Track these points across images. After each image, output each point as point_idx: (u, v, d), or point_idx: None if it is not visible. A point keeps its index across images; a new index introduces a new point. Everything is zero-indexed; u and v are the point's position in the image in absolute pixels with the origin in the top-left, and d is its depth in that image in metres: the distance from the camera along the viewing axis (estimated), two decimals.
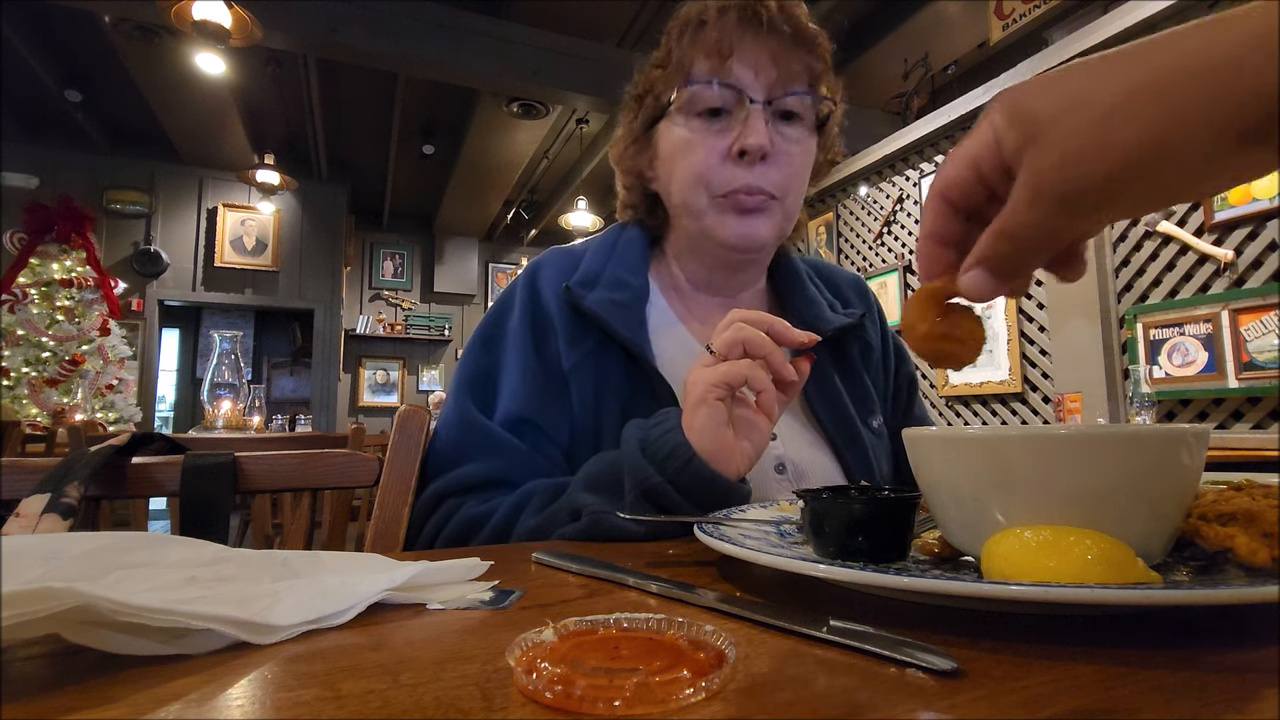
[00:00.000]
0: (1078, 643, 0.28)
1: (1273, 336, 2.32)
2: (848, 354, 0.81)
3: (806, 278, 0.85)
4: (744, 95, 0.69)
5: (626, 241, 0.81)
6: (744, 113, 0.69)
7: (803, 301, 0.81)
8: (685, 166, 0.72)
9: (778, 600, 0.36)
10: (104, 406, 5.17)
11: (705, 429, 0.55)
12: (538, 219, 7.61)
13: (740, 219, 0.71)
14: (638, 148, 0.79)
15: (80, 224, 5.32)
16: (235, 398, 2.26)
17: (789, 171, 0.71)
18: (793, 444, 0.73)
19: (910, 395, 0.90)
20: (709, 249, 0.77)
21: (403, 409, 0.74)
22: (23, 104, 5.40)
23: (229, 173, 6.36)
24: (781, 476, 0.71)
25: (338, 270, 6.96)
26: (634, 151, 0.80)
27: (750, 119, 0.68)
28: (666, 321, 0.79)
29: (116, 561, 0.34)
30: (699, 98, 0.70)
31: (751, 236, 0.72)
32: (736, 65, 0.69)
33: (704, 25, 0.70)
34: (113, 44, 4.57)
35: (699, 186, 0.71)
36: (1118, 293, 2.81)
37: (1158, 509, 0.33)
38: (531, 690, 0.22)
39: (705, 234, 0.74)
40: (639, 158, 0.80)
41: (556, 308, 0.74)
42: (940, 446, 0.37)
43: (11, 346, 4.91)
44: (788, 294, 0.83)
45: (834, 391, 0.77)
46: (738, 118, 0.69)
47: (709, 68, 0.69)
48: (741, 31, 0.68)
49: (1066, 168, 0.31)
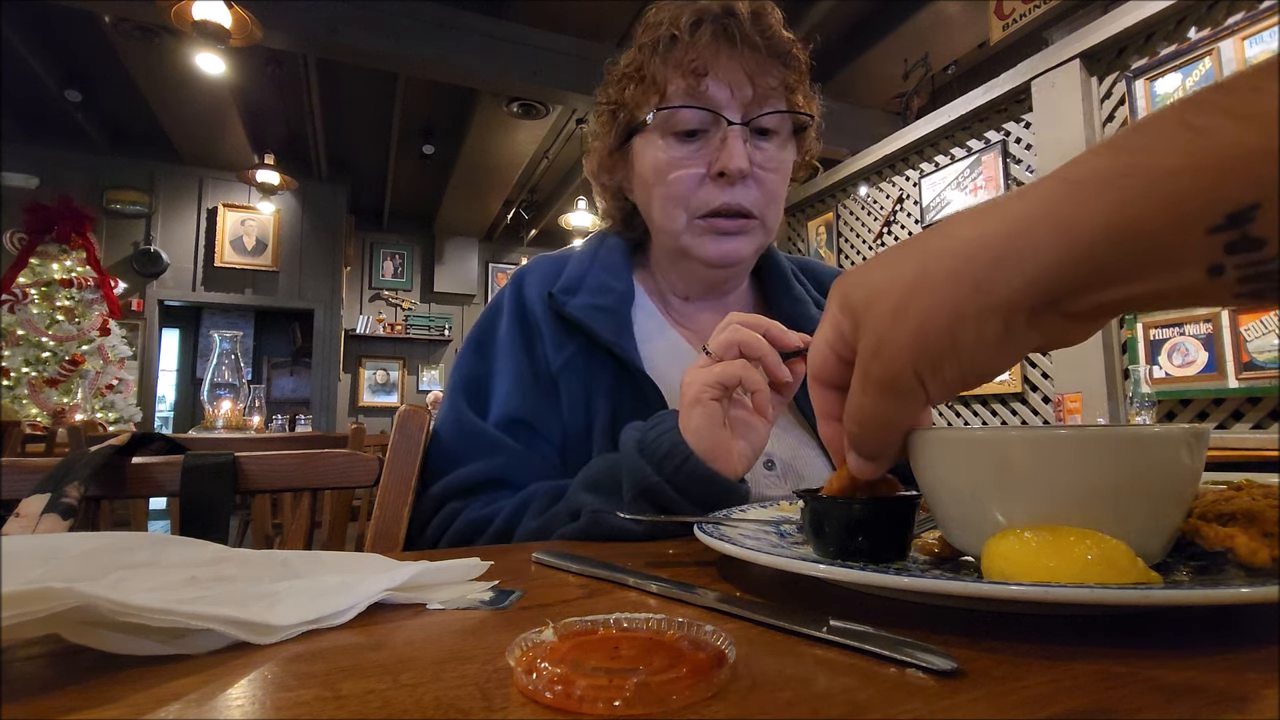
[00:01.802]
0: (1078, 643, 0.28)
1: (1273, 336, 2.32)
2: None
3: (792, 276, 0.85)
4: (721, 117, 0.68)
5: (608, 249, 0.81)
6: (721, 133, 0.68)
7: (788, 300, 0.81)
8: (663, 188, 0.71)
9: (778, 600, 0.36)
10: (104, 406, 5.17)
11: (701, 429, 0.55)
12: (538, 219, 7.61)
13: (719, 240, 0.71)
14: (614, 161, 0.79)
15: (80, 224, 5.32)
16: (235, 398, 2.26)
17: (768, 188, 0.71)
18: (781, 440, 0.74)
19: None
20: (689, 266, 0.77)
21: (403, 409, 0.74)
22: (23, 104, 5.40)
23: (229, 173, 6.36)
24: (770, 473, 0.71)
25: (338, 270, 6.96)
26: (610, 165, 0.79)
27: (729, 140, 0.68)
28: (656, 326, 0.80)
29: (116, 561, 0.34)
30: (677, 120, 0.69)
31: (732, 255, 0.72)
32: (712, 84, 0.68)
33: (676, 41, 0.69)
34: (113, 44, 4.57)
35: (678, 208, 0.71)
36: None
37: (1158, 509, 0.33)
38: (531, 690, 0.22)
39: (684, 252, 0.74)
40: (616, 172, 0.79)
41: (541, 312, 0.74)
42: (940, 446, 0.37)
43: (11, 346, 4.91)
44: (773, 293, 0.84)
45: None
46: (715, 138, 0.69)
47: (684, 88, 0.68)
48: (715, 48, 0.67)
49: (879, 355, 0.32)
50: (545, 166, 6.42)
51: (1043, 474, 0.33)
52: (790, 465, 0.73)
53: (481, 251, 8.23)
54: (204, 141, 6.09)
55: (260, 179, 5.43)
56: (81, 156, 6.05)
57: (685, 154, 0.70)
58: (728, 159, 0.67)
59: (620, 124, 0.75)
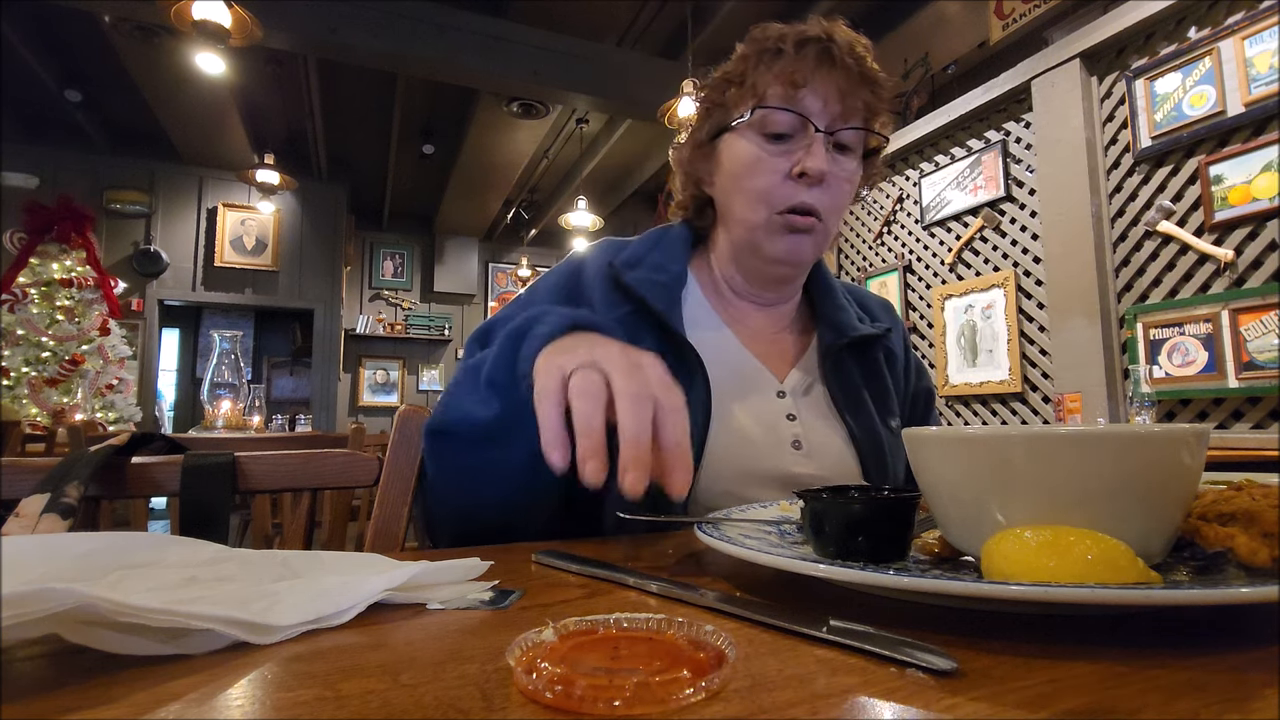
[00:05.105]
0: (1078, 643, 0.28)
1: (1273, 336, 2.32)
2: (873, 359, 0.88)
3: (840, 292, 0.92)
4: (810, 123, 0.75)
5: (671, 238, 0.87)
6: (807, 139, 0.75)
7: (833, 309, 0.88)
8: (749, 181, 0.77)
9: (778, 600, 0.36)
10: (104, 406, 5.17)
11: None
12: (538, 219, 7.61)
13: (788, 237, 0.77)
14: (701, 154, 0.85)
15: (80, 224, 5.32)
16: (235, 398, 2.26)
17: (838, 196, 0.78)
18: (812, 427, 0.79)
19: (928, 407, 0.97)
20: (753, 261, 0.82)
21: (403, 409, 0.74)
22: (23, 104, 5.40)
23: (229, 173, 6.35)
24: (798, 452, 0.76)
25: (338, 270, 6.95)
26: (697, 158, 0.86)
27: (813, 145, 0.74)
28: (705, 315, 0.84)
29: (116, 561, 0.34)
30: (770, 120, 0.76)
31: (796, 254, 0.79)
32: (808, 95, 0.75)
33: (781, 54, 0.76)
34: (113, 44, 4.57)
35: (760, 201, 0.77)
36: (1118, 293, 2.80)
37: (1158, 509, 0.33)
38: (531, 690, 0.22)
39: (755, 246, 0.80)
40: (701, 164, 0.86)
41: (598, 280, 0.80)
42: (940, 446, 0.37)
43: (11, 346, 4.91)
44: (821, 303, 0.90)
45: (856, 389, 0.83)
46: (800, 142, 0.76)
47: (782, 95, 0.75)
48: (815, 65, 0.75)
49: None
50: (545, 166, 6.42)
51: (1043, 474, 0.33)
52: (816, 449, 0.77)
53: (481, 251, 8.22)
54: (204, 141, 6.09)
55: (260, 179, 5.42)
56: (81, 156, 6.05)
57: (772, 152, 0.76)
58: (810, 160, 0.74)
59: (713, 121, 0.82)
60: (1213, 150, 2.51)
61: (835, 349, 0.83)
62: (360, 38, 3.96)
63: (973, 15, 4.03)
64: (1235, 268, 2.44)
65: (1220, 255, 2.47)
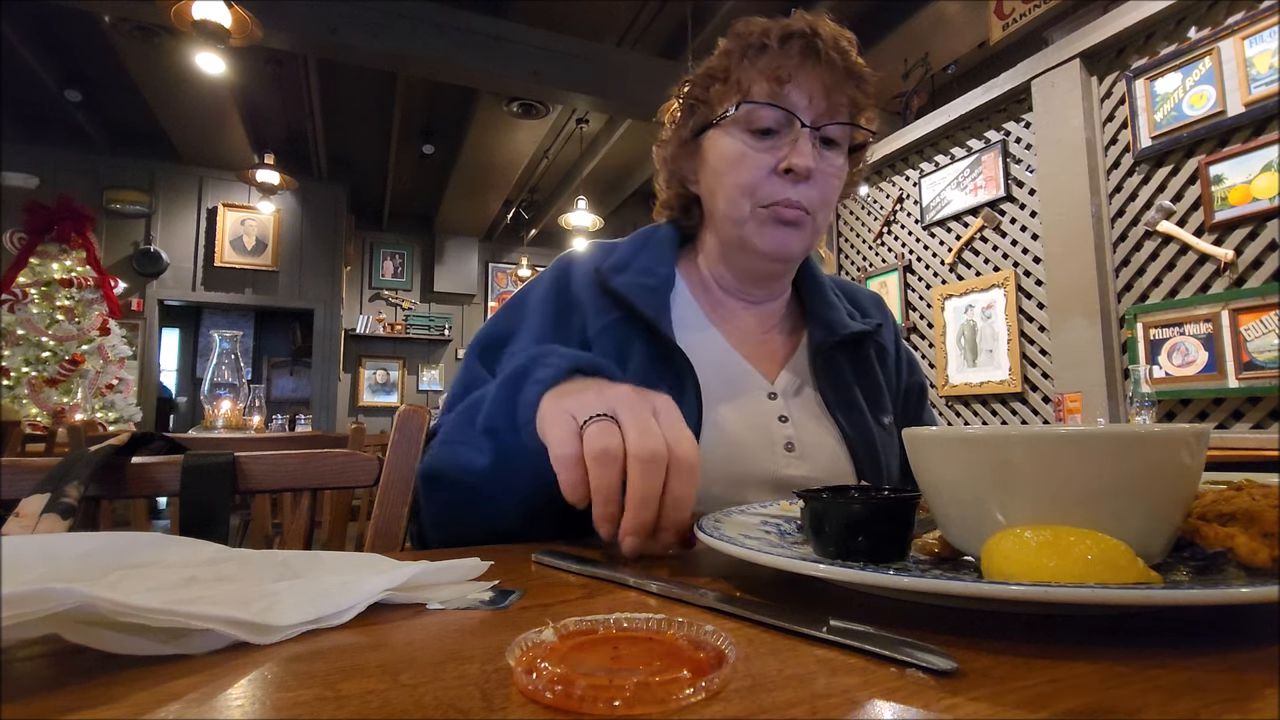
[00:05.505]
0: (1078, 643, 0.28)
1: (1273, 336, 2.32)
2: (864, 355, 0.87)
3: (829, 289, 0.91)
4: (796, 119, 0.74)
5: (658, 239, 0.86)
6: (793, 134, 0.75)
7: (823, 306, 0.87)
8: (734, 176, 0.77)
9: (778, 600, 0.36)
10: (104, 406, 5.16)
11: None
12: (538, 219, 7.61)
13: (777, 230, 0.76)
14: (685, 152, 0.84)
15: (80, 224, 5.32)
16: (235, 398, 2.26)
17: (825, 191, 0.77)
18: (805, 428, 0.78)
19: (920, 401, 0.96)
20: (741, 257, 0.81)
21: (402, 409, 0.74)
22: (23, 104, 5.40)
23: (229, 173, 6.35)
24: (791, 455, 0.76)
25: (338, 270, 6.95)
26: (682, 155, 0.85)
27: (799, 141, 0.74)
28: (694, 316, 0.83)
29: (116, 561, 0.34)
30: (756, 116, 0.75)
31: (785, 247, 0.77)
32: (793, 91, 0.74)
33: (765, 49, 0.75)
34: (113, 44, 4.57)
35: (745, 196, 0.76)
36: (1118, 293, 2.80)
37: (1158, 509, 0.33)
38: (531, 690, 0.22)
39: (743, 241, 0.79)
40: (686, 162, 0.85)
41: (586, 286, 0.79)
42: (940, 446, 0.37)
43: (11, 346, 4.91)
44: (810, 300, 0.88)
45: (848, 388, 0.82)
46: (787, 138, 0.75)
47: (767, 90, 0.74)
48: (800, 60, 0.74)
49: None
50: (545, 166, 6.42)
51: (1042, 474, 0.33)
52: (809, 450, 0.77)
53: (481, 251, 8.23)
54: (204, 141, 6.09)
55: (260, 179, 5.42)
56: (81, 156, 6.05)
57: (758, 148, 0.76)
58: (797, 156, 0.73)
59: (698, 117, 0.81)
60: (1213, 150, 2.51)
61: (826, 347, 0.82)
62: (360, 38, 3.96)
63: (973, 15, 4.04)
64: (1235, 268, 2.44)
65: (1220, 255, 2.47)
